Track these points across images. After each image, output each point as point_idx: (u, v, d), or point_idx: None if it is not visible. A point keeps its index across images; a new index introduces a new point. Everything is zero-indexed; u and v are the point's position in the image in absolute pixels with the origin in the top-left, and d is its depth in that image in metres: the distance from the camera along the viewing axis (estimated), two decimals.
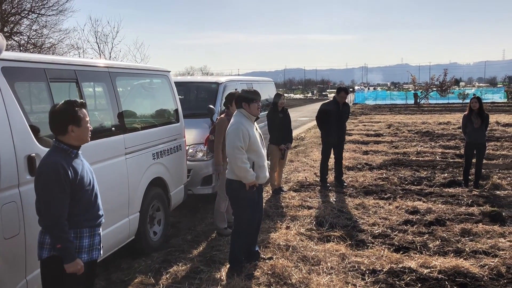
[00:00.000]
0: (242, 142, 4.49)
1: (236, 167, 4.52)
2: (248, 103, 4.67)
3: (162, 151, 5.55)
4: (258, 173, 4.65)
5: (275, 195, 7.90)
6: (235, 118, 4.67)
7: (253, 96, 4.71)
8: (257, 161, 4.63)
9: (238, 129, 4.52)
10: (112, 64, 5.05)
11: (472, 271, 4.58)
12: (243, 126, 4.54)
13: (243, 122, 4.58)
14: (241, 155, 4.49)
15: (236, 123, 4.59)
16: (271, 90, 11.06)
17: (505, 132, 15.90)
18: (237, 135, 4.49)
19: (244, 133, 4.51)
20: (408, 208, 6.85)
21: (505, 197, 7.43)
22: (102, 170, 4.24)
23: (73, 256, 2.87)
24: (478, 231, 5.76)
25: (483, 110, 8.05)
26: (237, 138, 4.48)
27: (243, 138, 4.49)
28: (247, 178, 4.54)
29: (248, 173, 4.53)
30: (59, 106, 2.94)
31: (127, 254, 5.16)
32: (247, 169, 4.51)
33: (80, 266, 2.89)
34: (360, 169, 10.09)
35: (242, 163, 4.49)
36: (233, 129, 4.55)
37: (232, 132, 4.55)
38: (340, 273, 4.63)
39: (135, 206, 4.95)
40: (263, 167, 4.71)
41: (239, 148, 4.48)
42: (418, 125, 19.53)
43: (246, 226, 4.75)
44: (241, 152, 4.49)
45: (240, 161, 4.48)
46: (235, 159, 4.50)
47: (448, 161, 10.83)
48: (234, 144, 4.49)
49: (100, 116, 4.92)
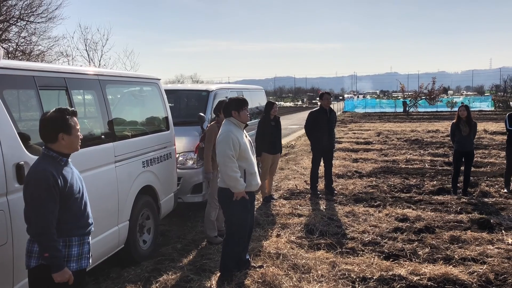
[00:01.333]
0: (233, 151, 4.48)
1: (226, 175, 4.51)
2: (238, 111, 4.67)
3: (152, 159, 5.53)
4: (250, 180, 4.64)
5: (266, 203, 7.89)
6: (224, 127, 4.66)
7: (242, 104, 4.71)
8: (248, 169, 4.63)
9: (228, 137, 4.51)
10: (102, 71, 5.04)
11: (461, 278, 4.61)
12: (233, 134, 4.53)
13: (232, 130, 4.57)
14: (232, 163, 4.48)
15: (225, 131, 4.58)
16: (261, 98, 11.09)
17: (493, 140, 16.09)
18: (227, 144, 4.48)
19: (234, 141, 4.50)
20: (398, 215, 6.89)
21: (493, 205, 7.50)
22: (91, 178, 4.21)
23: (61, 265, 2.84)
24: (467, 238, 5.80)
25: (471, 118, 8.14)
26: (227, 147, 4.47)
27: (233, 146, 4.48)
28: (237, 188, 4.52)
29: (238, 183, 4.50)
30: (50, 114, 2.92)
31: (116, 263, 5.11)
32: (237, 178, 4.49)
33: (69, 275, 2.86)
34: (350, 177, 10.13)
35: (233, 172, 4.48)
36: (223, 138, 4.54)
37: (222, 141, 4.54)
38: (330, 281, 4.63)
39: (124, 214, 4.91)
40: (254, 174, 4.71)
41: (229, 157, 4.47)
42: (407, 133, 19.70)
43: (238, 234, 4.73)
44: (231, 160, 4.48)
45: (230, 169, 4.47)
46: (225, 168, 4.49)
47: (437, 169, 10.93)
48: (225, 152, 4.48)
49: (89, 124, 4.90)
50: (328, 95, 8.67)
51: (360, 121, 29.66)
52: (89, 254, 3.11)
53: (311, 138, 8.66)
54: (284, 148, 14.99)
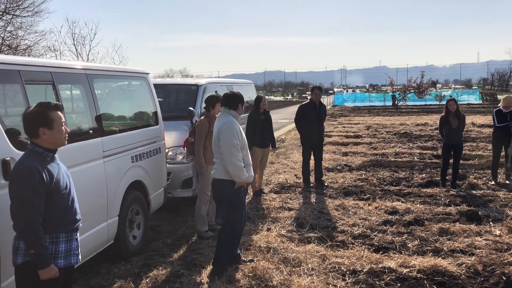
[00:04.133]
0: (238, 140, 4.51)
1: (231, 164, 4.50)
2: (242, 105, 4.78)
3: (141, 154, 5.49)
4: (248, 171, 4.67)
5: (256, 197, 7.89)
6: (226, 117, 4.67)
7: (243, 100, 4.81)
8: (246, 160, 4.67)
9: (232, 127, 4.54)
10: (89, 66, 4.98)
11: (450, 270, 4.65)
12: (236, 124, 4.58)
13: (234, 121, 4.62)
14: (237, 152, 4.52)
15: (229, 121, 4.60)
16: (251, 92, 11.06)
17: (481, 132, 16.24)
18: (233, 133, 4.51)
19: (238, 130, 4.55)
20: (387, 208, 6.93)
21: (481, 197, 7.58)
22: (79, 173, 4.17)
23: (47, 262, 2.80)
24: (455, 231, 5.85)
25: (459, 111, 8.20)
26: (233, 136, 4.50)
27: (237, 136, 4.52)
28: (241, 177, 4.55)
29: (243, 172, 4.54)
30: (32, 109, 2.88)
31: (106, 259, 5.08)
32: (242, 167, 4.53)
33: (55, 272, 2.82)
34: (340, 170, 10.17)
35: (238, 161, 4.51)
36: (228, 127, 4.55)
37: (227, 130, 4.54)
38: (320, 274, 4.65)
39: (113, 210, 4.88)
40: (249, 165, 4.74)
41: (235, 146, 4.49)
42: (396, 126, 19.81)
43: (237, 227, 4.76)
44: (237, 149, 4.51)
45: (236, 158, 4.49)
46: (231, 156, 4.48)
47: (426, 162, 11.00)
48: (231, 142, 4.49)
49: (77, 119, 4.84)
50: (319, 90, 8.68)
51: (349, 115, 29.75)
52: (78, 251, 3.08)
53: (301, 132, 8.69)
54: None
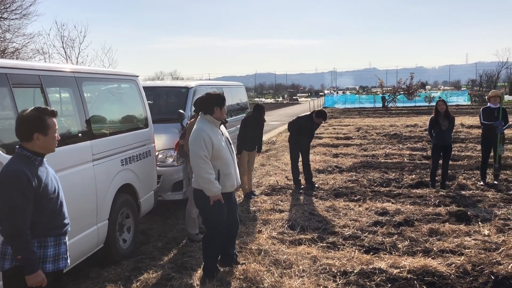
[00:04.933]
0: (205, 151, 4.29)
1: (199, 178, 4.33)
2: (221, 107, 4.48)
3: (131, 157, 5.46)
4: (224, 181, 4.47)
5: (247, 199, 7.89)
6: (197, 125, 4.45)
7: (223, 100, 4.54)
8: (222, 169, 4.44)
9: (199, 137, 4.30)
10: (78, 69, 4.96)
11: (440, 270, 4.68)
12: (205, 133, 4.31)
13: (204, 129, 4.35)
14: (205, 164, 4.29)
15: (197, 130, 4.37)
16: (241, 95, 11.07)
17: (469, 133, 16.37)
18: (198, 144, 4.27)
19: (206, 140, 4.29)
20: (378, 209, 6.96)
21: (470, 197, 7.64)
22: (68, 177, 4.15)
23: (35, 267, 2.77)
24: (445, 231, 5.90)
25: (449, 112, 8.27)
26: (199, 147, 4.27)
27: (205, 146, 4.28)
28: (211, 190, 4.34)
29: (212, 185, 4.33)
30: (28, 112, 2.85)
31: (96, 263, 5.04)
32: (211, 180, 4.31)
33: (42, 278, 2.79)
34: (330, 172, 10.20)
35: (206, 174, 4.29)
36: (194, 138, 4.34)
37: (193, 141, 4.34)
38: (311, 276, 4.66)
39: (103, 213, 4.85)
40: (229, 175, 4.51)
41: (202, 157, 4.28)
42: (386, 128, 19.91)
43: (216, 234, 4.63)
44: (204, 161, 4.29)
45: (203, 171, 4.28)
46: (198, 169, 4.30)
47: (415, 163, 11.07)
48: (197, 153, 4.28)
49: (66, 122, 4.81)
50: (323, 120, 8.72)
51: (340, 116, 29.87)
52: (67, 255, 3.06)
53: (291, 136, 8.86)
54: (265, 144, 15.02)
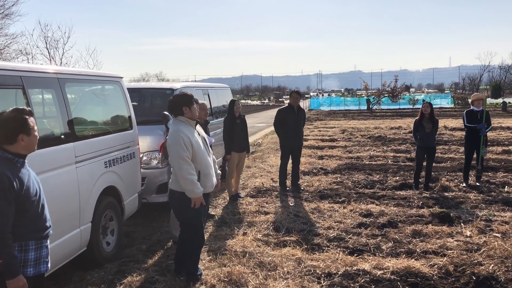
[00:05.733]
0: (186, 151, 4.25)
1: (182, 179, 4.27)
2: (189, 107, 4.43)
3: (114, 159, 5.41)
4: (205, 182, 4.46)
5: (232, 201, 7.88)
6: (172, 127, 4.41)
7: (191, 99, 4.48)
8: (202, 170, 4.43)
9: (178, 138, 4.24)
10: (61, 70, 4.90)
11: (423, 271, 4.73)
12: (183, 134, 4.27)
13: (182, 130, 4.31)
14: (187, 165, 4.25)
15: (174, 131, 4.32)
16: (227, 97, 11.05)
17: (453, 136, 16.60)
18: (179, 145, 4.22)
19: (186, 141, 4.25)
20: (362, 211, 7.01)
21: (453, 199, 7.74)
22: (51, 179, 4.09)
23: (15, 272, 2.72)
24: (428, 232, 5.96)
25: (433, 115, 8.37)
26: (180, 148, 4.22)
27: (185, 147, 4.25)
28: (194, 192, 4.31)
29: (195, 186, 4.30)
30: (8, 114, 2.81)
31: (79, 266, 4.98)
32: (194, 181, 4.28)
33: (23, 283, 2.75)
34: (315, 174, 10.24)
35: (189, 175, 4.26)
36: (174, 139, 4.28)
37: (173, 143, 4.28)
38: (296, 278, 4.66)
39: (86, 216, 4.79)
40: (209, 175, 4.52)
41: (184, 159, 4.24)
42: (371, 130, 20.07)
43: (196, 236, 4.62)
44: (187, 162, 4.25)
45: (186, 172, 4.24)
46: (180, 171, 4.26)
47: (399, 165, 11.18)
48: (179, 155, 4.23)
49: (48, 123, 4.75)
50: (297, 94, 8.72)
51: (325, 118, 30.03)
52: (48, 258, 3.02)
53: (280, 135, 8.72)
54: (251, 146, 15.01)
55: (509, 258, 4.98)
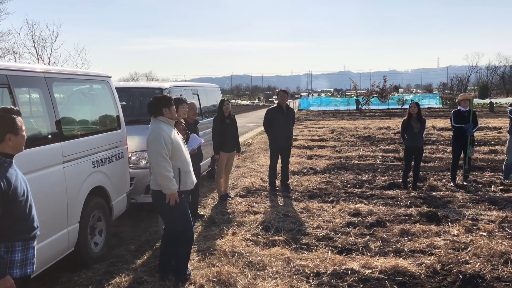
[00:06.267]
0: (165, 149, 4.36)
1: (159, 175, 4.35)
2: (169, 108, 4.56)
3: (102, 159, 5.38)
4: (185, 179, 4.54)
5: (222, 201, 7.87)
6: (153, 125, 4.51)
7: (170, 100, 4.63)
8: (182, 167, 4.52)
9: (159, 135, 4.36)
10: (48, 69, 4.86)
11: (410, 270, 4.77)
12: (164, 132, 4.39)
13: (163, 128, 4.43)
14: (165, 162, 4.34)
15: (155, 129, 4.42)
16: (217, 96, 11.04)
17: (440, 136, 16.75)
18: (159, 142, 4.33)
19: (166, 139, 4.36)
20: (351, 210, 7.05)
21: (441, 198, 7.81)
22: (38, 179, 4.06)
23: (2, 272, 2.70)
24: (416, 231, 6.01)
25: (421, 115, 8.44)
26: (159, 146, 4.33)
27: (165, 145, 4.35)
28: (170, 188, 4.38)
29: (171, 183, 4.37)
30: None
31: (66, 267, 4.94)
32: (170, 178, 4.36)
33: (10, 284, 2.72)
34: (305, 174, 10.27)
35: (166, 171, 4.34)
36: (154, 136, 4.39)
37: (153, 140, 4.38)
38: (285, 277, 4.68)
39: (74, 216, 4.76)
40: (189, 172, 4.61)
41: (163, 155, 4.33)
42: (360, 130, 20.17)
43: (187, 233, 4.65)
44: (165, 159, 4.35)
45: (163, 169, 4.33)
46: (158, 167, 4.34)
47: (388, 165, 11.26)
48: (158, 151, 4.33)
49: (35, 123, 4.71)
50: (284, 93, 8.75)
51: (315, 118, 30.12)
52: (34, 260, 2.99)
53: (269, 135, 8.74)
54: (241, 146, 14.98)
55: (495, 256, 5.05)
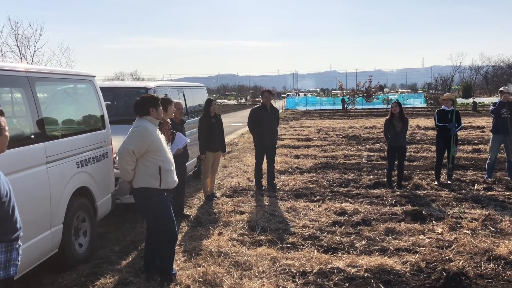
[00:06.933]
0: (136, 148, 4.42)
1: (120, 167, 4.49)
2: (156, 108, 4.62)
3: (87, 159, 5.33)
4: (166, 177, 4.56)
5: (208, 201, 7.85)
6: (138, 122, 4.59)
7: (157, 101, 4.69)
8: (163, 166, 4.54)
9: (138, 132, 4.46)
10: (30, 68, 4.79)
11: (395, 268, 4.81)
12: (146, 131, 4.47)
13: (147, 126, 4.50)
14: (129, 157, 4.43)
15: (140, 126, 4.51)
16: (203, 96, 11.00)
17: (425, 135, 16.93)
18: (135, 139, 4.43)
19: (145, 137, 4.44)
20: (336, 209, 7.08)
21: (425, 197, 7.90)
22: (20, 180, 4.00)
23: None
24: (401, 230, 6.07)
25: (403, 114, 8.52)
26: (133, 141, 4.42)
27: (141, 143, 4.42)
28: (126, 176, 4.55)
29: (129, 174, 4.51)
30: None
31: (50, 268, 4.88)
32: (129, 171, 4.49)
33: None
34: (291, 173, 10.29)
35: (128, 166, 4.46)
36: (134, 132, 4.48)
37: (132, 136, 4.47)
38: (271, 277, 4.68)
39: (58, 217, 4.70)
40: (170, 171, 4.63)
41: (130, 152, 4.41)
42: (346, 129, 20.30)
43: (171, 233, 4.65)
44: (131, 156, 4.43)
45: (126, 163, 4.44)
46: (122, 160, 4.44)
47: (373, 164, 11.34)
48: (127, 146, 4.42)
49: (18, 123, 4.64)
50: (268, 93, 8.75)
51: (301, 118, 30.23)
52: (18, 261, 2.94)
53: (254, 135, 8.74)
54: (227, 145, 14.96)
55: (478, 254, 5.12)
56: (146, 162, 4.49)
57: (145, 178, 4.50)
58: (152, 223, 4.73)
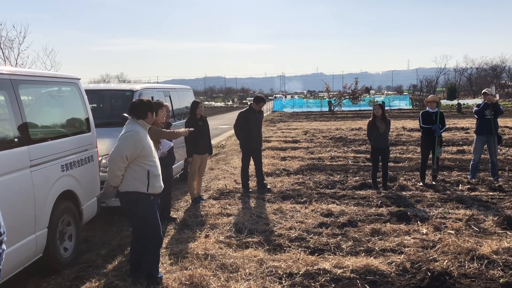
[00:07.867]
0: (129, 153, 4.39)
1: (111, 171, 4.44)
2: (152, 112, 4.64)
3: (71, 162, 5.28)
4: (153, 182, 4.56)
5: (195, 204, 7.83)
6: (130, 126, 4.54)
7: (153, 106, 4.70)
8: (152, 170, 4.54)
9: (131, 137, 4.42)
10: (14, 71, 4.74)
11: (381, 269, 4.85)
12: (138, 136, 4.44)
13: (139, 131, 4.48)
14: (122, 163, 4.41)
15: (131, 130, 4.47)
16: (189, 98, 10.98)
17: (410, 136, 17.10)
18: (129, 144, 4.39)
19: (137, 142, 4.41)
20: (323, 211, 7.11)
21: (410, 197, 7.98)
22: (4, 184, 3.98)
23: None
24: (386, 230, 6.12)
25: (385, 116, 8.62)
26: (126, 147, 4.39)
27: (134, 148, 4.39)
28: (114, 181, 4.50)
29: (118, 179, 4.47)
30: None
31: (35, 273, 4.83)
32: (118, 177, 4.45)
33: None
34: (278, 175, 10.32)
35: (119, 171, 4.43)
36: (126, 137, 4.44)
37: (124, 140, 4.43)
38: (258, 279, 4.68)
39: (42, 221, 4.65)
40: (158, 176, 4.63)
41: (123, 158, 4.38)
42: (332, 131, 20.42)
43: (157, 236, 4.65)
44: (124, 162, 4.41)
45: (117, 168, 4.41)
46: (114, 165, 4.40)
47: (359, 165, 11.42)
48: (121, 152, 4.38)
49: (1, 126, 4.57)
50: (263, 102, 8.75)
51: (288, 120, 30.32)
52: (1, 266, 2.91)
53: (240, 138, 8.74)
54: (214, 148, 14.95)
55: (462, 253, 5.18)
56: (135, 166, 4.48)
57: (132, 183, 4.48)
58: (138, 227, 4.71)
